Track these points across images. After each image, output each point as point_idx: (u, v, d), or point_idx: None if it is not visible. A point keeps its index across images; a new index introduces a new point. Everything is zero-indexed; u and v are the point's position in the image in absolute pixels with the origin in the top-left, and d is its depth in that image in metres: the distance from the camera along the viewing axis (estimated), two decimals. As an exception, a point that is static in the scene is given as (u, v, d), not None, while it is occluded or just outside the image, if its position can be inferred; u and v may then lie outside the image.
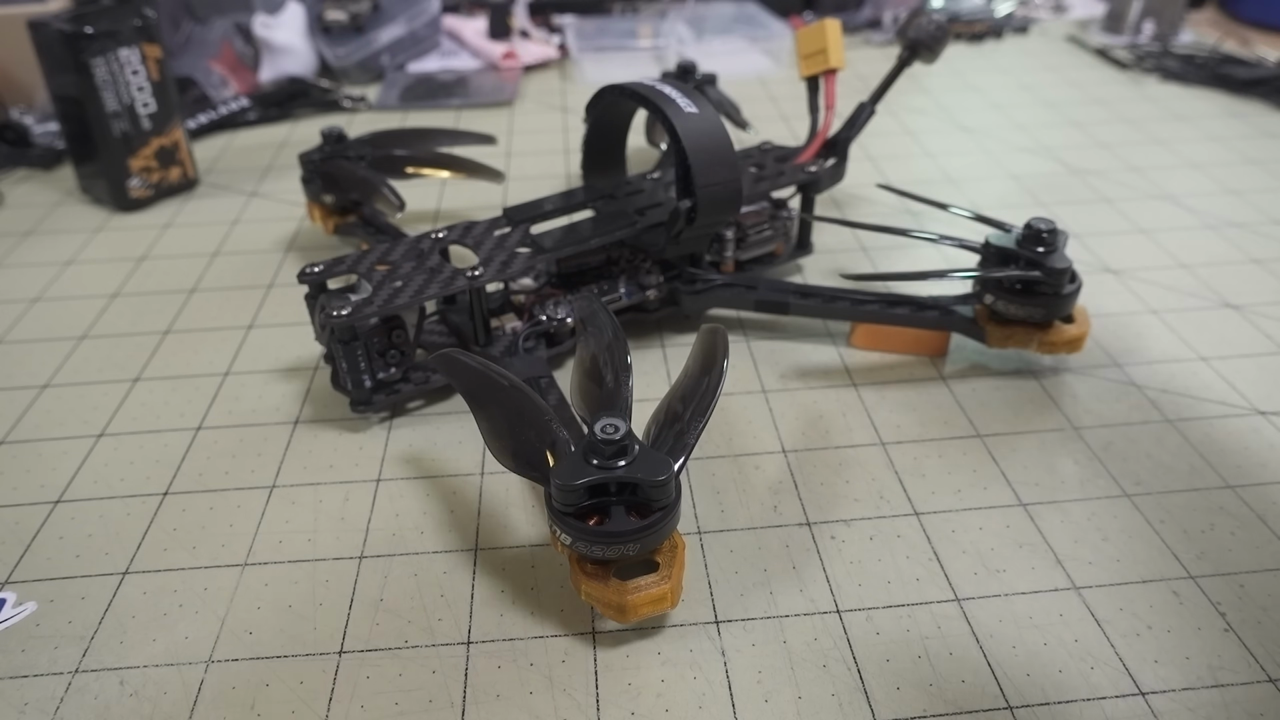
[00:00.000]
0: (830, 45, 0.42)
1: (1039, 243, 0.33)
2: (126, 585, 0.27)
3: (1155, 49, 0.72)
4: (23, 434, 0.33)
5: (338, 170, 0.42)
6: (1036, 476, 0.30)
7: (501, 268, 0.33)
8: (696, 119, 0.33)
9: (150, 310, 0.41)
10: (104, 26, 0.46)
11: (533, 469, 0.25)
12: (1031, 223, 0.33)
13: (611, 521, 0.23)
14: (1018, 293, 0.33)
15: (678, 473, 0.23)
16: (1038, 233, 0.33)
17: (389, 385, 0.33)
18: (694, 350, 0.28)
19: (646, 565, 0.24)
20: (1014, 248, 0.33)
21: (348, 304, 0.31)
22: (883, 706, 0.23)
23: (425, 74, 0.69)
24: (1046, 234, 0.33)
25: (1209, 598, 0.26)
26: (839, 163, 0.43)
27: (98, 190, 0.50)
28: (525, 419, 0.25)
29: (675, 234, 0.35)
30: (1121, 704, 0.23)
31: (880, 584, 0.26)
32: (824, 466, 0.31)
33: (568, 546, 0.24)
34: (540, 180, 0.53)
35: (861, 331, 0.37)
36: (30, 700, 0.24)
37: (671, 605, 0.24)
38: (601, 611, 0.24)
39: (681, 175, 0.34)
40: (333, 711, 0.23)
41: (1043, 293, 0.33)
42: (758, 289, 0.37)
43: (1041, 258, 0.33)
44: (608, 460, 0.23)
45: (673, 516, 0.24)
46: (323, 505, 0.30)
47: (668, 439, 0.25)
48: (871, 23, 0.79)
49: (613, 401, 0.26)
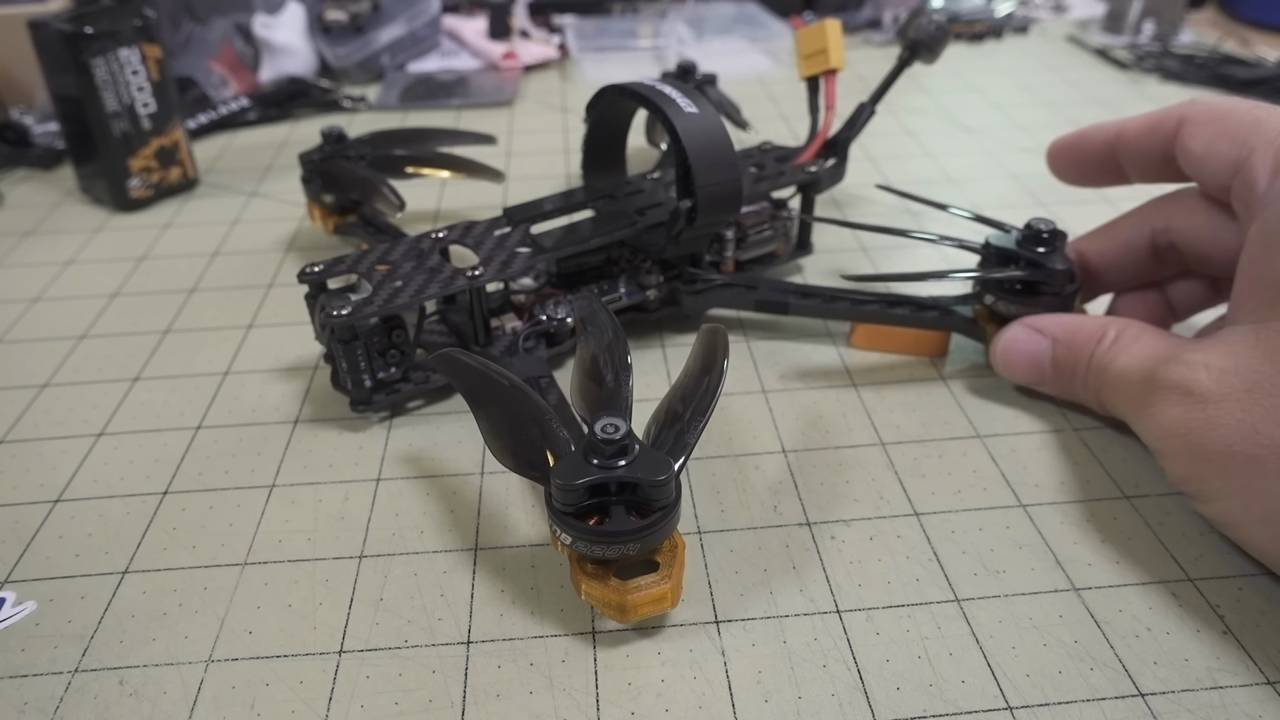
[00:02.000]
0: (831, 45, 0.42)
1: (1039, 243, 0.33)
2: (126, 585, 0.27)
3: (1155, 49, 0.72)
4: (22, 433, 0.33)
5: (338, 170, 0.43)
6: (1036, 477, 0.30)
7: (502, 267, 0.33)
8: (697, 119, 0.33)
9: (150, 310, 0.41)
10: (104, 26, 0.46)
11: (533, 469, 0.25)
12: (1031, 223, 0.33)
13: (612, 521, 0.23)
14: (1018, 293, 0.33)
15: (678, 472, 0.23)
16: (1038, 233, 0.33)
17: (389, 385, 0.33)
18: (694, 350, 0.28)
19: (646, 565, 0.24)
20: (1014, 248, 0.33)
21: (348, 303, 0.31)
22: (882, 706, 0.23)
23: (425, 74, 0.69)
24: (1047, 234, 0.33)
25: (1208, 600, 0.26)
26: (839, 163, 0.43)
27: (98, 190, 0.50)
28: (526, 419, 0.25)
29: (676, 234, 0.35)
30: (1121, 705, 0.23)
31: (880, 584, 0.26)
32: (824, 466, 0.31)
33: (568, 546, 0.24)
34: (540, 180, 0.53)
35: (861, 331, 0.37)
36: (30, 700, 0.24)
37: (671, 605, 0.24)
38: (601, 611, 0.24)
39: (682, 175, 0.34)
40: (333, 711, 0.23)
41: (1043, 293, 0.33)
42: (758, 289, 0.37)
43: (1042, 258, 0.33)
44: (608, 460, 0.23)
45: (673, 516, 0.24)
46: (322, 505, 0.30)
47: (668, 439, 0.25)
48: (872, 23, 0.79)
49: (613, 401, 0.26)
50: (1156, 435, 0.27)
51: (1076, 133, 0.35)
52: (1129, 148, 0.33)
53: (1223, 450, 0.24)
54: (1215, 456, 0.24)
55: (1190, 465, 0.26)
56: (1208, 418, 0.25)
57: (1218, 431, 0.24)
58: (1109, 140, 0.33)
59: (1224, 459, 0.24)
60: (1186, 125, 0.30)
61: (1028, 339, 0.32)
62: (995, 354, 0.33)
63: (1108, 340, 0.30)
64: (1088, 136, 0.34)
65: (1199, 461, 0.25)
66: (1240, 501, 0.25)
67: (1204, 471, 0.25)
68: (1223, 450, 0.24)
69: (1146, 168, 0.33)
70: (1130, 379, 0.28)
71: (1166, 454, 0.27)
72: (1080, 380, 0.31)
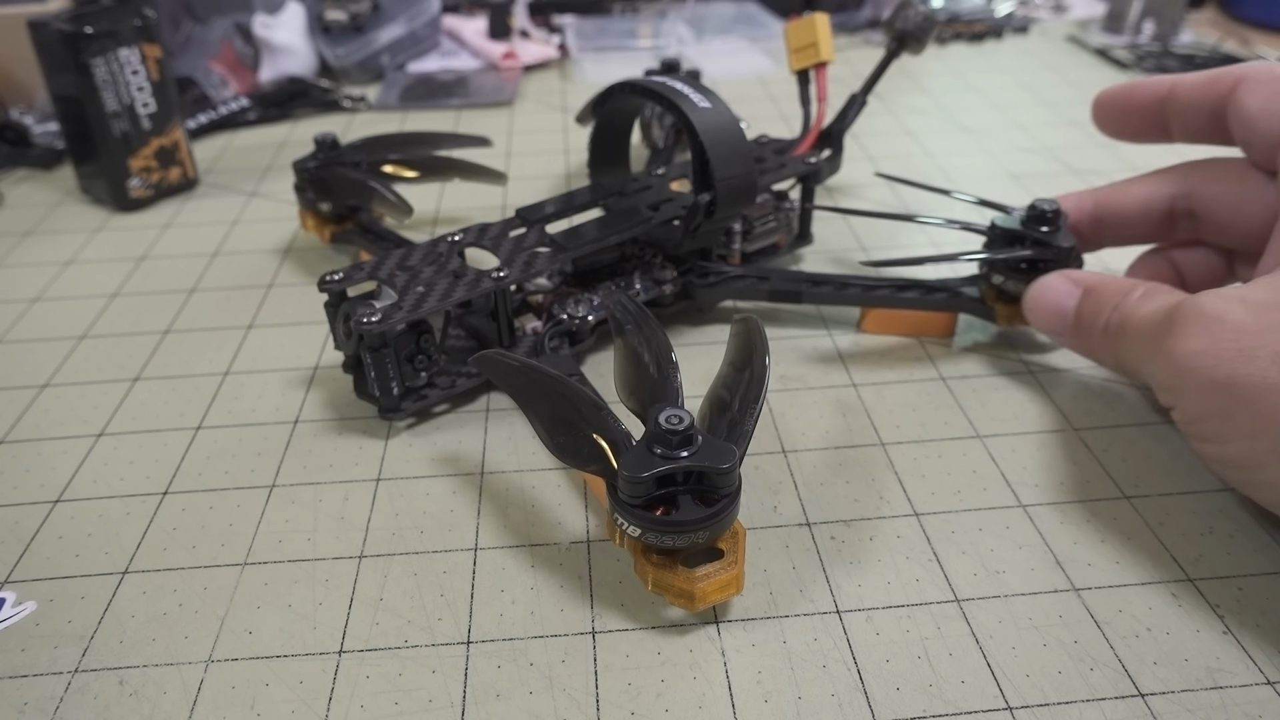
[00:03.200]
0: (820, 39, 0.42)
1: (1044, 222, 0.34)
2: (126, 585, 0.27)
3: (1155, 49, 0.72)
4: (22, 433, 0.33)
5: (336, 177, 0.42)
6: (1036, 478, 0.30)
7: (524, 268, 0.33)
8: (711, 113, 0.34)
9: (150, 310, 0.41)
10: (104, 26, 0.46)
11: (593, 462, 0.25)
12: (1035, 203, 0.34)
13: (681, 511, 0.23)
14: (1024, 271, 0.34)
15: (740, 459, 0.24)
16: (1042, 213, 0.34)
17: (416, 391, 0.33)
18: (732, 341, 0.28)
19: (709, 553, 0.25)
20: (1019, 228, 0.34)
21: (376, 310, 0.30)
22: (882, 707, 0.23)
23: (425, 74, 0.69)
24: (1050, 214, 0.34)
25: (1208, 600, 0.26)
26: (835, 154, 0.43)
27: (98, 190, 0.50)
28: (579, 414, 0.26)
29: (694, 228, 0.35)
30: (1121, 705, 0.23)
31: (880, 584, 0.26)
32: (824, 466, 0.31)
33: (636, 539, 0.24)
34: (541, 180, 0.53)
35: (872, 316, 0.38)
36: (30, 700, 0.24)
37: (737, 591, 0.25)
38: (669, 600, 0.24)
39: (699, 169, 0.34)
40: (332, 711, 0.23)
41: (1050, 270, 0.34)
42: (770, 279, 0.38)
43: (1047, 237, 0.34)
44: (673, 450, 0.23)
45: (737, 503, 0.24)
46: (322, 505, 0.30)
47: (721, 428, 0.25)
48: (871, 22, 0.79)
49: (663, 392, 0.26)
50: (1176, 368, 0.25)
51: (1128, 84, 0.34)
52: (1180, 103, 0.32)
53: (1258, 382, 0.23)
54: (1246, 390, 0.23)
55: (1212, 399, 0.25)
56: (1241, 349, 0.24)
57: (1255, 363, 0.23)
58: (1161, 95, 0.33)
59: (1257, 392, 0.23)
60: (1245, 83, 0.30)
61: (1061, 286, 0.32)
62: (1027, 297, 0.33)
63: (1136, 293, 0.29)
64: (1139, 88, 0.34)
65: (1224, 395, 0.24)
66: (1271, 440, 0.24)
67: (1228, 406, 0.24)
68: (1258, 382, 0.23)
69: (1194, 126, 0.32)
70: (1153, 319, 0.27)
71: (1185, 388, 0.25)
72: (1100, 330, 0.30)
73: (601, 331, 0.36)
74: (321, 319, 0.40)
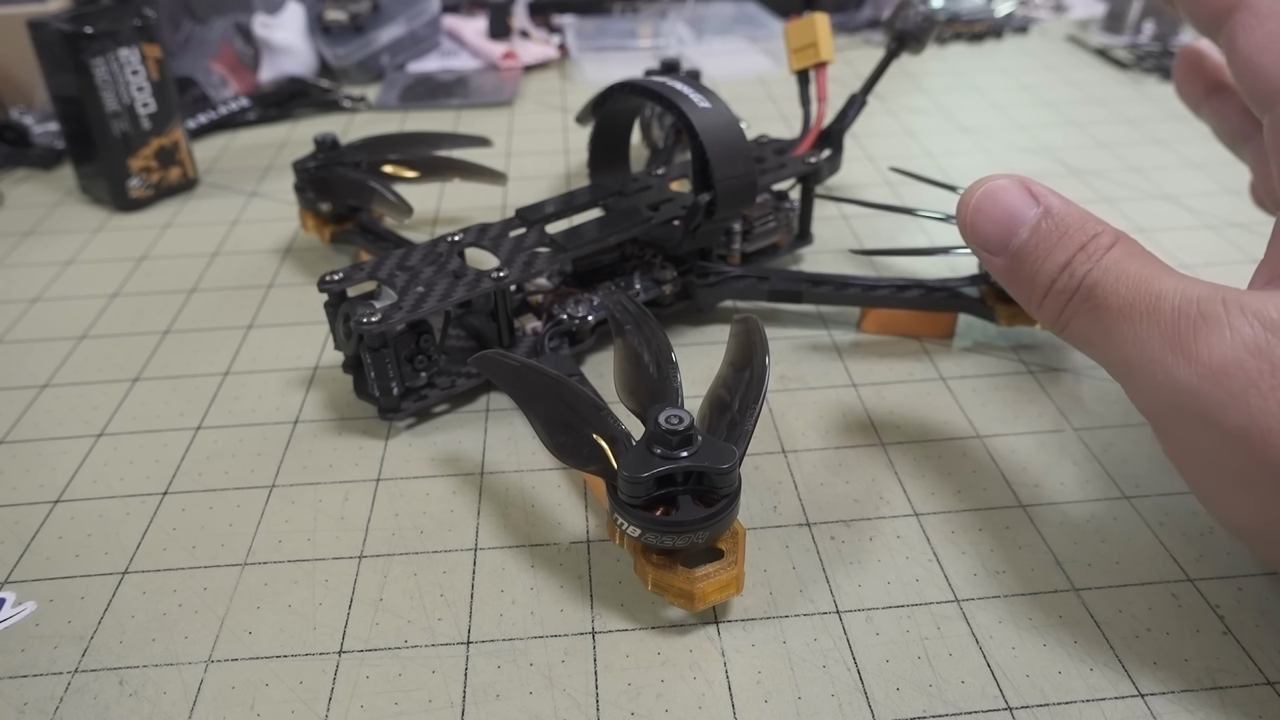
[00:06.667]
0: (820, 39, 0.42)
1: None
2: (126, 585, 0.27)
3: (1155, 49, 0.72)
4: (22, 434, 0.33)
5: (336, 177, 0.42)
6: (1036, 478, 0.30)
7: (525, 268, 0.33)
8: (711, 114, 0.34)
9: (150, 310, 0.41)
10: (104, 26, 0.46)
11: (593, 463, 0.25)
12: None
13: (681, 511, 0.24)
14: None
15: (740, 459, 0.24)
16: None
17: (416, 391, 0.33)
18: (731, 341, 0.28)
19: (709, 553, 0.25)
20: None
21: (376, 310, 0.30)
22: (882, 707, 0.23)
23: (425, 74, 0.69)
24: None
25: (1207, 600, 0.26)
26: (835, 154, 0.43)
27: (97, 190, 0.50)
28: (579, 414, 0.26)
29: (694, 228, 0.35)
30: (1121, 705, 0.23)
31: (880, 584, 0.26)
32: (824, 466, 0.31)
33: (635, 539, 0.24)
34: (541, 180, 0.53)
35: (872, 316, 0.38)
36: (30, 700, 0.24)
37: (737, 591, 0.25)
38: (669, 600, 0.24)
39: (699, 169, 0.34)
40: (332, 711, 0.23)
41: None
42: (770, 279, 0.38)
43: None
44: (672, 450, 0.23)
45: (737, 503, 0.24)
46: (322, 505, 0.30)
47: (720, 428, 0.25)
48: (872, 23, 0.79)
49: (663, 392, 0.26)
50: (1207, 373, 0.20)
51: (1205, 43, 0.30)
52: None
53: None
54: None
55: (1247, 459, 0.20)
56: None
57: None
58: None
59: None
60: (1243, 11, 0.24)
61: (1016, 193, 0.24)
62: (972, 196, 0.25)
63: (1106, 237, 0.23)
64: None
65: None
66: None
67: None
68: None
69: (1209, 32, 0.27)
70: (1144, 292, 0.22)
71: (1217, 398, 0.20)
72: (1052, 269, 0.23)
73: (601, 331, 0.36)
74: (321, 319, 0.40)
